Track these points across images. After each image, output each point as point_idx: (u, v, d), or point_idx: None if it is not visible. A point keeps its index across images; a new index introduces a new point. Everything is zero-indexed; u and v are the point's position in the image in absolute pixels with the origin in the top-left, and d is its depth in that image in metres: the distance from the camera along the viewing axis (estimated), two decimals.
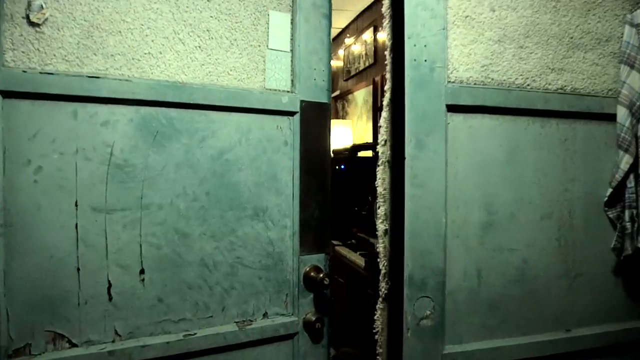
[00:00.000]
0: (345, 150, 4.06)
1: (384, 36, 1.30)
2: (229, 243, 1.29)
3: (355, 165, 3.85)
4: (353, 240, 3.47)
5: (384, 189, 1.42)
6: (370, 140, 4.75)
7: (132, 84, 1.17)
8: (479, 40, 1.42)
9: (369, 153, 4.06)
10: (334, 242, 3.57)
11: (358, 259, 2.93)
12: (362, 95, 5.33)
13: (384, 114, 1.42)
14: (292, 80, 1.37)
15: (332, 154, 4.44)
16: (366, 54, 5.22)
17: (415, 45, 1.33)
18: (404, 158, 1.31)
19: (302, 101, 1.36)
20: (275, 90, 1.34)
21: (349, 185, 3.79)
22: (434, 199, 1.34)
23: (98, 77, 1.14)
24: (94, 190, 1.15)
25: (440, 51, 1.36)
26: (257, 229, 1.32)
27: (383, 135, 1.42)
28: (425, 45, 1.34)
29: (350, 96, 5.72)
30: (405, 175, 1.31)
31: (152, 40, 1.21)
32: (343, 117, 5.88)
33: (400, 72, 1.35)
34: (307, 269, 1.36)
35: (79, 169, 1.13)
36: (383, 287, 1.43)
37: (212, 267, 1.27)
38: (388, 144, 1.42)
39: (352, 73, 5.66)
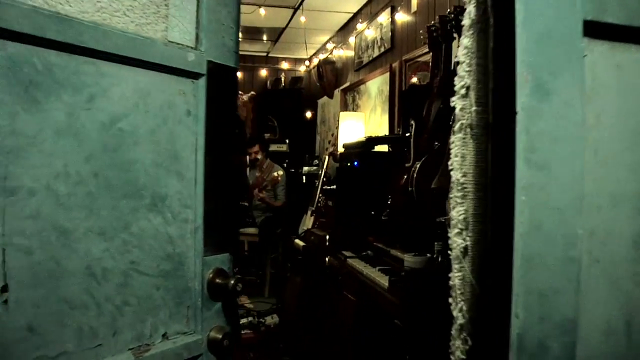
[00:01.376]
0: (359, 144, 3.45)
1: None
2: (122, 243, 0.99)
3: (370, 161, 3.26)
4: (369, 252, 2.86)
5: (463, 175, 0.81)
6: (386, 134, 4.15)
7: None
8: None
9: (385, 148, 3.48)
10: (346, 253, 2.96)
11: (379, 277, 2.30)
12: (376, 85, 4.72)
13: (465, 40, 0.81)
14: (197, 35, 1.10)
15: (342, 148, 3.81)
16: (382, 39, 4.63)
17: None
18: (514, 113, 0.70)
19: (209, 62, 1.10)
20: (180, 44, 1.07)
21: (364, 184, 3.19)
22: (564, 192, 0.73)
23: None
24: None
25: None
26: (154, 223, 1.04)
27: (463, 78, 0.81)
28: None
29: (362, 87, 5.12)
30: (517, 146, 0.70)
31: None
32: (354, 110, 5.28)
33: None
34: (211, 274, 1.12)
35: None
36: (459, 347, 0.81)
37: (100, 277, 0.96)
38: (472, 94, 0.80)
39: (365, 62, 5.07)
